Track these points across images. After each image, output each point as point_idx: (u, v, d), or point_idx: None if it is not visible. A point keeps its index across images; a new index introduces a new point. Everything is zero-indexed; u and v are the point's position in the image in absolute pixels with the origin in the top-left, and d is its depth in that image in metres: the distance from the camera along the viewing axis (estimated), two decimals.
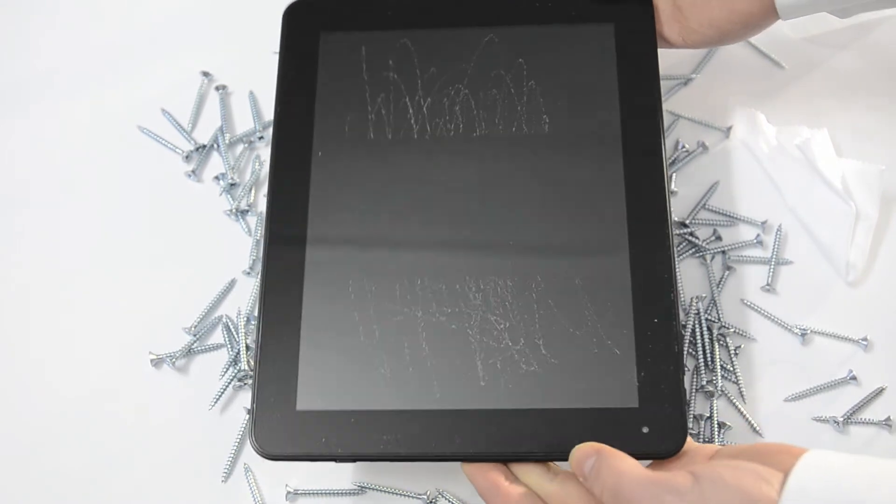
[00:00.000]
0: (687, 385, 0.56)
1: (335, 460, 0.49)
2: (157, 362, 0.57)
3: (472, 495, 0.54)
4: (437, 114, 0.55)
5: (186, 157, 0.62)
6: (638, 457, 0.46)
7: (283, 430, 0.49)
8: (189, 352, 0.58)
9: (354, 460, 0.49)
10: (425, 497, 0.54)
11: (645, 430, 0.48)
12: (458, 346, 0.50)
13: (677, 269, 0.52)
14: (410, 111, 0.55)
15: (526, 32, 0.56)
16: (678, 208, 0.60)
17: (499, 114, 0.55)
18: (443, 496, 0.54)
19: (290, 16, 0.58)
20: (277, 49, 0.65)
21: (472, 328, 0.50)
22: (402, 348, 0.50)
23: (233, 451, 0.55)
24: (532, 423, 0.48)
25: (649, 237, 0.51)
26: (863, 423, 0.56)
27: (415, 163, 0.54)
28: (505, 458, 0.48)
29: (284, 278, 0.51)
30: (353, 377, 0.50)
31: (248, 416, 0.55)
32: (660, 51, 0.58)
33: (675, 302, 0.50)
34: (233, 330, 0.58)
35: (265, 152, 0.62)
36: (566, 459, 0.47)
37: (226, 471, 0.55)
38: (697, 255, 0.59)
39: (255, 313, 0.58)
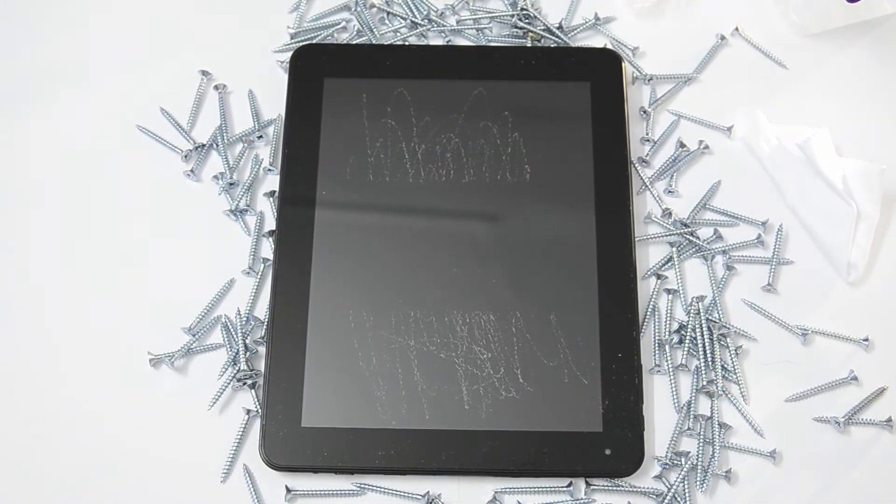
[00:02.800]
0: (688, 385, 0.56)
1: (335, 472, 0.54)
2: (155, 362, 0.57)
3: (464, 499, 0.54)
4: (431, 160, 0.59)
5: (185, 156, 0.62)
6: (600, 475, 0.54)
7: (289, 445, 0.54)
8: (188, 352, 0.57)
9: (352, 472, 0.54)
10: (425, 497, 0.54)
11: (607, 451, 0.53)
12: (446, 373, 0.55)
13: (640, 308, 0.57)
14: (406, 156, 0.59)
15: (511, 87, 0.61)
16: (679, 208, 0.60)
17: (485, 162, 0.59)
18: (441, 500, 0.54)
19: (296, 59, 0.62)
20: (277, 49, 0.65)
21: (459, 357, 0.55)
22: (396, 374, 0.55)
23: (232, 452, 0.55)
24: (509, 442, 0.54)
25: (616, 280, 0.57)
26: (864, 423, 0.56)
27: (410, 205, 0.59)
28: (484, 473, 0.54)
29: (291, 308, 0.56)
30: (352, 398, 0.55)
31: (246, 416, 0.56)
32: (659, 49, 0.59)
33: (637, 339, 0.55)
34: (232, 330, 0.58)
35: (264, 151, 0.62)
36: (540, 476, 0.54)
37: (225, 471, 0.55)
38: (698, 254, 0.59)
39: (255, 313, 0.58)
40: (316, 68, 0.62)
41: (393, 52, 0.63)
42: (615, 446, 0.53)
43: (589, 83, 0.61)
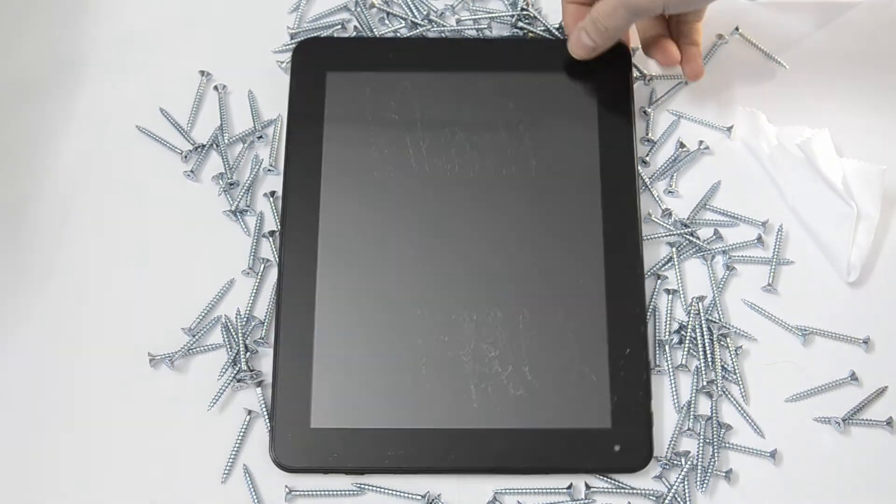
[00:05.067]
0: (688, 385, 0.56)
1: (346, 472, 0.54)
2: (155, 362, 0.57)
3: (464, 500, 0.54)
4: (436, 154, 0.59)
5: (185, 156, 0.62)
6: (609, 472, 0.54)
7: (299, 446, 0.54)
8: (188, 352, 0.57)
9: (362, 473, 0.54)
10: (425, 498, 0.54)
11: (616, 448, 0.53)
12: (454, 372, 0.55)
13: (648, 304, 0.57)
14: (411, 151, 0.59)
15: (517, 79, 0.60)
16: (679, 208, 0.60)
17: (491, 156, 0.59)
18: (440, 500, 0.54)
19: (298, 53, 0.61)
20: (277, 49, 0.65)
21: (466, 355, 0.55)
22: (404, 373, 0.55)
23: (234, 453, 0.55)
24: (518, 440, 0.54)
25: (624, 275, 0.56)
26: (864, 423, 0.55)
27: (415, 201, 0.58)
28: (494, 472, 0.54)
29: (297, 308, 0.56)
30: (361, 399, 0.54)
31: (248, 416, 0.56)
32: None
33: (645, 334, 0.55)
34: (232, 330, 0.58)
35: (264, 152, 0.62)
36: (549, 472, 0.54)
37: (225, 472, 0.55)
38: (698, 254, 0.59)
39: (254, 313, 0.58)
40: (318, 63, 0.61)
41: (396, 45, 0.62)
42: (624, 442, 0.53)
43: (596, 74, 0.60)
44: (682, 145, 0.61)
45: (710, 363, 0.56)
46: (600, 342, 0.55)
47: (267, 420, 0.55)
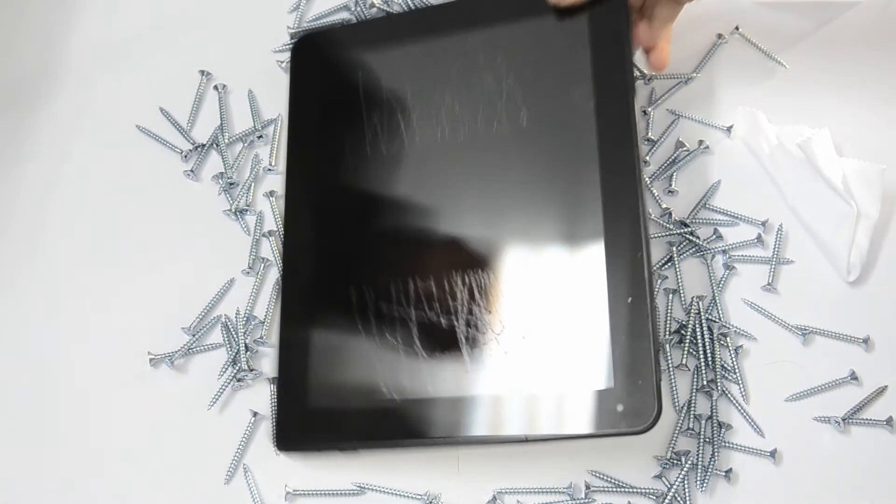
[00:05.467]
0: (687, 385, 0.56)
1: (342, 451, 0.54)
2: (155, 362, 0.57)
3: (464, 499, 0.54)
4: (426, 122, 0.58)
5: (185, 156, 0.62)
6: (612, 434, 0.50)
7: (298, 428, 0.54)
8: (188, 352, 0.57)
9: (363, 447, 0.54)
10: (425, 497, 0.54)
11: (619, 408, 0.50)
12: (447, 339, 0.53)
13: (651, 251, 0.53)
14: (402, 124, 0.58)
15: (505, 30, 0.58)
16: (679, 208, 0.60)
17: (480, 113, 0.57)
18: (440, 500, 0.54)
19: (296, 52, 0.61)
20: (276, 48, 0.65)
21: (459, 321, 0.54)
22: (397, 346, 0.54)
23: (238, 453, 0.55)
24: (515, 406, 0.51)
25: (623, 221, 0.52)
26: (864, 423, 0.55)
27: (406, 173, 0.57)
28: (491, 441, 0.52)
29: (296, 293, 0.56)
30: (356, 376, 0.54)
31: (252, 417, 0.56)
32: None
33: (650, 281, 0.51)
34: (231, 329, 0.58)
35: (264, 151, 0.62)
36: (549, 440, 0.51)
37: (229, 473, 0.55)
38: (698, 254, 0.59)
39: (255, 313, 0.58)
40: (314, 57, 0.60)
41: (384, 23, 0.61)
42: (628, 402, 0.50)
43: (587, 16, 0.56)
44: (681, 145, 0.61)
45: (709, 363, 0.56)
46: (599, 296, 0.51)
47: (274, 413, 0.55)
